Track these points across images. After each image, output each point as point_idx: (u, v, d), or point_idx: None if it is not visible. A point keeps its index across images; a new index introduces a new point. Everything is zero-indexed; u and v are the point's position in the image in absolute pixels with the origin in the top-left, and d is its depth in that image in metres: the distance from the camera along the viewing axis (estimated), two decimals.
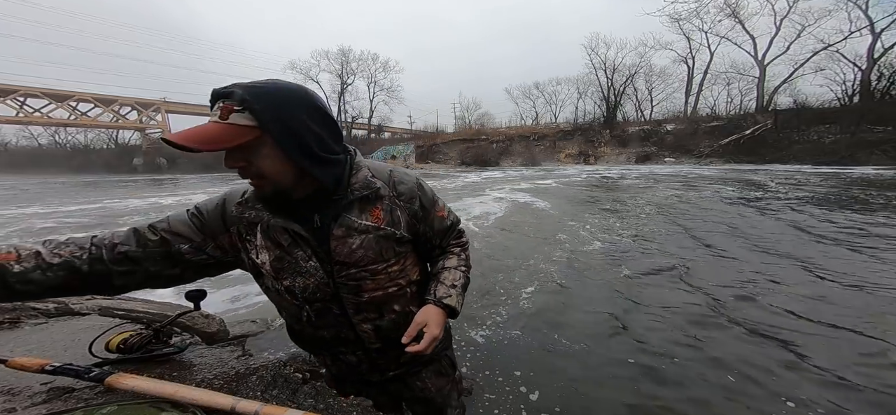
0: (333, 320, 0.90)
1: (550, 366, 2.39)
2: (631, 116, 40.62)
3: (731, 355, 2.43)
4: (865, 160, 19.49)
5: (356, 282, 0.87)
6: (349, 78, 44.27)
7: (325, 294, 0.86)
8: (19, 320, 1.59)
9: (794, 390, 2.07)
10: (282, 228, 0.81)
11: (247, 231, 0.83)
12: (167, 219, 0.84)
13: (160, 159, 42.15)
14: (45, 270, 0.70)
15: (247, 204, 0.82)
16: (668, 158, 28.49)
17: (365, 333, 0.93)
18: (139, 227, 0.81)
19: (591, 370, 2.34)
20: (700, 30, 36.09)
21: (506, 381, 2.23)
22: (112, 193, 16.47)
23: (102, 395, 0.89)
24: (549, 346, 2.65)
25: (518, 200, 10.48)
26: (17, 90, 36.76)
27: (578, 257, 4.79)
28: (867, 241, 5.01)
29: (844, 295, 3.29)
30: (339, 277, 0.86)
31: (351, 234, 0.84)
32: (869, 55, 26.52)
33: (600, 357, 2.48)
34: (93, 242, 0.77)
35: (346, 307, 0.89)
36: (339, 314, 0.90)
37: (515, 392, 2.13)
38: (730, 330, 2.77)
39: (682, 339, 2.67)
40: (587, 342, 2.67)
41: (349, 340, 0.94)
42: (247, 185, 0.81)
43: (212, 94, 0.68)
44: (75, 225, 8.27)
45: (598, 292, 3.63)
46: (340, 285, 0.86)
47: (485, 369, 2.35)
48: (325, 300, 0.87)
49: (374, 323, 0.93)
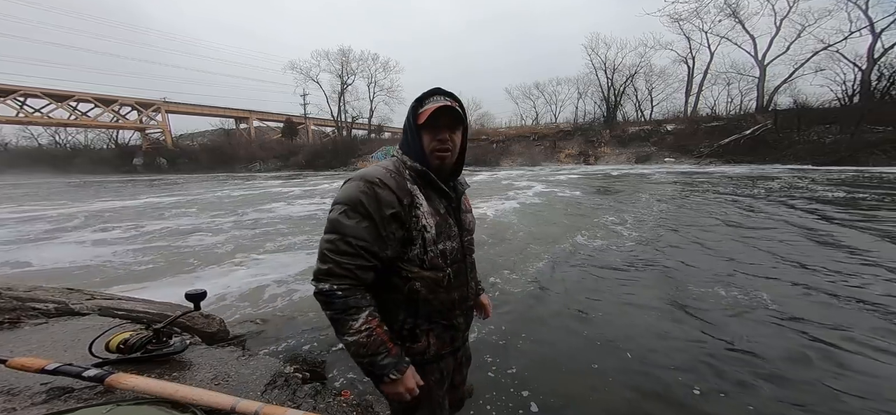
0: (463, 279, 1.12)
1: (548, 365, 2.40)
2: (631, 116, 40.68)
3: (746, 358, 2.44)
4: (865, 160, 19.48)
5: (471, 247, 1.19)
6: (349, 78, 44.37)
7: (459, 255, 1.10)
8: (19, 320, 1.59)
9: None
10: (442, 194, 1.06)
11: (415, 201, 1.00)
12: (359, 246, 0.94)
13: (160, 159, 42.16)
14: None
15: (414, 177, 1.03)
16: (668, 158, 28.47)
17: (472, 290, 1.18)
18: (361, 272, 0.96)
19: (589, 368, 2.34)
20: (700, 30, 36.11)
21: (503, 379, 2.24)
22: (125, 192, 16.45)
23: (102, 395, 0.89)
24: (548, 346, 2.66)
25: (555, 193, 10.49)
26: (17, 90, 36.79)
27: (578, 252, 4.79)
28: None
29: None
30: (465, 241, 1.13)
31: (466, 210, 1.19)
32: (869, 55, 26.50)
33: (602, 357, 2.48)
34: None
35: (468, 267, 1.15)
36: (465, 274, 1.13)
37: (515, 397, 2.13)
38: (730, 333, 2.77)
39: (683, 336, 2.67)
40: (588, 341, 2.68)
41: (466, 298, 1.14)
42: (373, 168, 1.01)
43: (436, 90, 1.04)
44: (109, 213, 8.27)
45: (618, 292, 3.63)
46: (467, 249, 1.14)
47: (482, 369, 2.36)
48: (460, 261, 1.10)
49: (475, 280, 1.25)
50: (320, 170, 36.09)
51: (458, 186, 1.15)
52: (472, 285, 1.18)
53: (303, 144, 47.62)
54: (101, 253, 5.70)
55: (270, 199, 12.94)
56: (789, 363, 2.34)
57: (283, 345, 2.52)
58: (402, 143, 1.08)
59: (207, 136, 52.90)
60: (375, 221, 0.92)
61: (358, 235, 0.91)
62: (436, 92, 1.04)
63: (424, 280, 1.02)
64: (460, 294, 1.11)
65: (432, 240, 1.01)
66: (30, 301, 1.77)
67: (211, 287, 2.52)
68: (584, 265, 4.47)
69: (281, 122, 50.96)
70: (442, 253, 1.04)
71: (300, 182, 21.65)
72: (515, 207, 9.54)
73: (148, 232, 7.30)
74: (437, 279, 1.04)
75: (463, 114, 1.04)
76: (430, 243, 1.01)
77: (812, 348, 2.50)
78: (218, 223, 8.24)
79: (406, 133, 1.07)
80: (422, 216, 0.99)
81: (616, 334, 2.76)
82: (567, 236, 5.95)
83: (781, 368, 2.29)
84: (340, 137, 45.33)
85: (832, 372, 2.23)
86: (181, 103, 46.98)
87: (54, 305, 1.77)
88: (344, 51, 43.23)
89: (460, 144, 1.08)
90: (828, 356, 2.39)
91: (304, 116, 49.91)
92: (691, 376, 2.24)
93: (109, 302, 1.92)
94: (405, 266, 1.01)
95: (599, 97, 39.96)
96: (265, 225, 7.96)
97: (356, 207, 0.92)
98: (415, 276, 1.01)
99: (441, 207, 1.05)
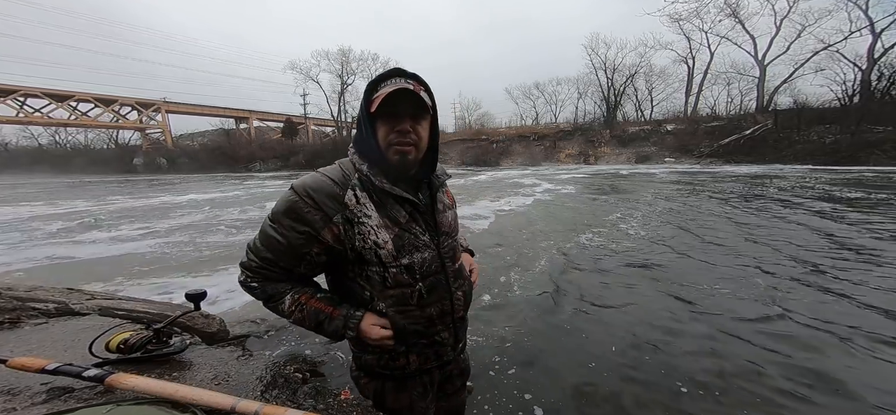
0: (441, 293, 0.95)
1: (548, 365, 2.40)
2: (631, 116, 40.73)
3: (747, 364, 2.44)
4: (865, 160, 19.48)
5: (452, 251, 1.00)
6: (349, 78, 44.37)
7: (435, 266, 0.93)
8: (19, 319, 1.59)
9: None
10: (401, 201, 0.88)
11: (356, 217, 0.85)
12: (265, 256, 0.89)
13: (160, 159, 42.16)
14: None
15: (364, 183, 0.87)
16: (669, 158, 28.47)
17: (458, 301, 1.00)
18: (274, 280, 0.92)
19: (590, 369, 2.34)
20: (700, 30, 36.18)
21: (503, 379, 2.24)
22: (127, 190, 16.45)
23: (102, 395, 0.89)
24: (547, 346, 2.66)
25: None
26: (18, 90, 36.79)
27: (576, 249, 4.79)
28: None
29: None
30: (443, 248, 0.96)
31: (445, 208, 1.00)
32: (869, 55, 26.52)
33: (601, 356, 2.48)
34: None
35: (448, 277, 0.97)
36: (444, 285, 0.96)
37: (516, 399, 2.13)
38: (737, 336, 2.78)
39: (690, 338, 2.67)
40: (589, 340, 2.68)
41: (447, 312, 0.98)
42: (313, 175, 0.88)
43: (394, 70, 0.86)
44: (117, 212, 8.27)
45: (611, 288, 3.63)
46: (444, 256, 0.96)
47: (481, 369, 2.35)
48: (435, 273, 0.93)
49: (462, 289, 1.03)
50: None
51: (434, 182, 0.98)
52: (457, 296, 0.99)
53: (303, 143, 47.63)
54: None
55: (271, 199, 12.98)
56: (805, 373, 2.33)
57: (283, 345, 2.52)
58: (356, 138, 0.92)
59: (207, 136, 52.91)
60: (287, 240, 0.84)
61: (268, 245, 0.87)
62: (395, 73, 0.86)
63: (390, 299, 0.90)
64: (440, 309, 0.95)
65: (391, 256, 0.87)
66: (30, 301, 1.77)
67: (210, 287, 2.53)
68: (590, 263, 4.47)
69: (281, 122, 50.95)
70: (408, 268, 0.89)
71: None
72: (529, 203, 9.60)
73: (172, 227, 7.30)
74: (405, 296, 0.90)
75: (430, 99, 0.87)
76: (388, 260, 0.87)
77: (832, 346, 2.50)
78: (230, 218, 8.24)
79: (359, 125, 0.90)
80: (369, 233, 0.84)
81: (621, 334, 2.76)
82: (574, 234, 5.97)
83: (796, 375, 2.28)
84: (341, 136, 45.31)
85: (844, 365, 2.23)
86: (181, 103, 46.98)
87: (54, 305, 1.77)
88: (344, 51, 43.28)
89: (429, 137, 0.91)
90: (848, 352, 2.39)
91: (305, 116, 49.92)
92: (697, 378, 2.22)
93: (109, 302, 1.92)
94: (365, 285, 0.91)
95: (599, 97, 40.05)
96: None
97: (276, 217, 0.86)
98: (378, 295, 0.90)
99: (402, 216, 0.89)
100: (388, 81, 0.85)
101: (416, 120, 0.86)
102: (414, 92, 0.82)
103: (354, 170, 0.88)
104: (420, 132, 0.87)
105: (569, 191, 12.94)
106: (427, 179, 0.96)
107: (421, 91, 0.85)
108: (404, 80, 0.84)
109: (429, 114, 0.88)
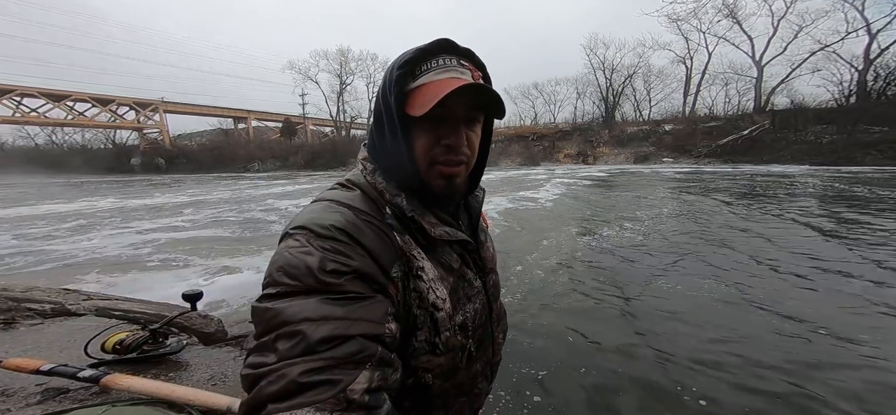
0: (487, 344, 0.71)
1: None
2: (629, 116, 40.85)
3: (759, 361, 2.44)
4: (862, 160, 19.60)
5: (496, 289, 0.76)
6: (348, 78, 44.39)
7: (484, 315, 0.69)
8: (15, 320, 1.58)
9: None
10: (450, 242, 0.63)
11: (411, 269, 0.57)
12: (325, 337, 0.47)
13: (158, 159, 42.03)
14: None
15: (402, 220, 0.58)
16: (667, 157, 28.57)
17: (498, 345, 0.78)
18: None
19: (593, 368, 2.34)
20: (698, 30, 36.37)
21: (510, 382, 2.24)
22: (127, 192, 16.39)
23: (98, 395, 0.89)
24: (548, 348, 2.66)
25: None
26: (14, 89, 36.62)
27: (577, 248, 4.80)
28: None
29: None
30: (490, 289, 0.72)
31: (486, 238, 0.76)
32: (865, 56, 26.70)
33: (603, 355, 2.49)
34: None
35: (494, 322, 0.74)
36: (490, 334, 0.72)
37: (520, 399, 2.13)
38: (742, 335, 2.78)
39: (696, 339, 2.67)
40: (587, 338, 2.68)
41: (491, 363, 0.75)
42: (327, 205, 0.55)
43: (440, 43, 0.57)
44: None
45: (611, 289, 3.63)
46: (492, 296, 0.73)
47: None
48: (484, 324, 0.69)
49: (502, 331, 0.82)
50: (319, 170, 36.06)
51: (472, 204, 0.72)
52: (498, 340, 0.77)
53: (302, 143, 47.57)
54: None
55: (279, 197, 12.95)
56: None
57: None
58: (372, 145, 0.64)
59: (206, 136, 52.81)
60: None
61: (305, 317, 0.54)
62: (440, 49, 0.57)
63: (437, 370, 0.62)
64: (484, 362, 0.72)
65: (447, 317, 0.59)
66: (25, 301, 1.76)
67: (210, 286, 2.51)
68: (598, 262, 4.49)
69: (279, 121, 50.89)
70: (462, 327, 0.63)
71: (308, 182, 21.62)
72: (555, 195, 9.62)
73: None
74: (455, 362, 0.63)
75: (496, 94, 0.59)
76: (443, 324, 0.59)
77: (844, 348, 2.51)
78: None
79: (380, 126, 0.61)
80: (427, 290, 0.57)
81: (627, 335, 2.77)
82: (586, 232, 5.97)
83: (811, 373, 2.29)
84: (339, 136, 45.31)
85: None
86: (179, 103, 46.86)
87: (50, 305, 1.76)
88: (343, 51, 43.30)
89: (481, 142, 0.64)
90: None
91: (303, 116, 49.86)
92: (703, 380, 2.22)
93: (106, 303, 1.91)
94: (408, 359, 0.60)
95: (598, 97, 40.15)
96: (261, 223, 7.95)
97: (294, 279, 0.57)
98: (424, 366, 0.60)
99: (455, 261, 0.63)
100: (437, 68, 0.55)
101: (471, 125, 0.59)
102: (480, 85, 0.55)
103: (384, 199, 0.59)
104: (473, 142, 0.61)
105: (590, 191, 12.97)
106: (468, 203, 0.71)
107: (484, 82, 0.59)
108: (458, 65, 0.57)
109: (484, 113, 0.62)
